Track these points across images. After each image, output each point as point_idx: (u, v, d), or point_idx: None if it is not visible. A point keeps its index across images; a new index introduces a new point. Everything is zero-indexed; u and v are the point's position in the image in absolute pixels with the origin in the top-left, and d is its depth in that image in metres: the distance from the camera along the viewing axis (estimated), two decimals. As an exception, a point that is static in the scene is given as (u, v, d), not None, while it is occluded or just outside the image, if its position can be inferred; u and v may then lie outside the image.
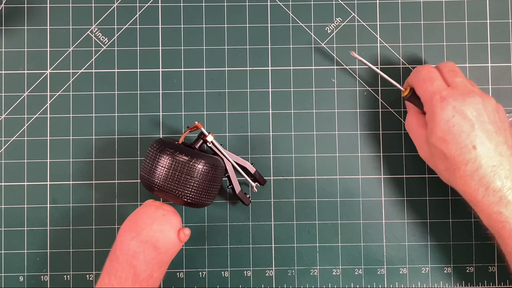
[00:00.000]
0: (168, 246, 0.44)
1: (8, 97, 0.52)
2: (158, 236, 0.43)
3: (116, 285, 0.43)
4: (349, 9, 0.53)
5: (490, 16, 0.54)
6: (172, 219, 0.45)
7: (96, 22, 0.53)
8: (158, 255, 0.44)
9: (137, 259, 0.43)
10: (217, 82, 0.53)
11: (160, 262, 0.44)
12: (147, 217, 0.44)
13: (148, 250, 0.43)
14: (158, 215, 0.44)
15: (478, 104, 0.41)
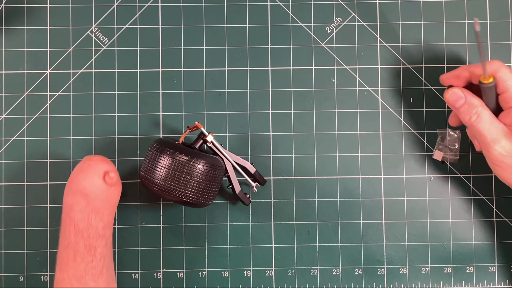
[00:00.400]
0: (95, 192, 0.45)
1: (8, 97, 0.52)
2: (84, 184, 0.45)
3: (64, 241, 0.45)
4: (349, 9, 0.53)
5: (490, 16, 0.54)
6: (97, 166, 0.46)
7: (96, 22, 0.53)
8: (89, 202, 0.45)
9: (73, 210, 0.45)
10: (217, 82, 0.53)
11: (94, 209, 0.45)
12: (76, 171, 0.46)
13: (79, 199, 0.45)
14: (84, 166, 0.46)
15: None
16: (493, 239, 0.52)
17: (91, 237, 0.45)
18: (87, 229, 0.45)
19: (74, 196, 0.45)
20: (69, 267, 0.44)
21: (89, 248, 0.45)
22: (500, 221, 0.52)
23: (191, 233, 0.52)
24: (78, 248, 0.44)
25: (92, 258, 0.45)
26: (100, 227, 0.46)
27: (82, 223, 0.45)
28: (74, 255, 0.44)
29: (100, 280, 0.45)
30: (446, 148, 0.52)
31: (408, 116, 0.53)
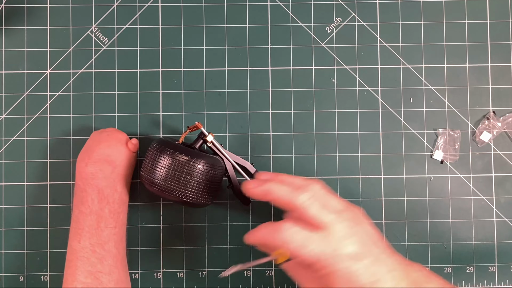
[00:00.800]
0: (120, 157, 0.47)
1: (8, 97, 0.52)
2: (108, 152, 0.46)
3: (85, 210, 0.45)
4: (349, 9, 0.53)
5: (490, 16, 0.54)
6: (117, 134, 0.48)
7: (96, 22, 0.53)
8: (114, 168, 0.46)
9: (96, 178, 0.46)
10: (217, 82, 0.53)
11: (119, 175, 0.47)
12: (93, 142, 0.48)
13: (104, 166, 0.46)
14: (102, 136, 0.48)
15: (363, 234, 0.39)
16: (493, 239, 0.52)
17: (116, 203, 0.46)
18: (112, 195, 0.46)
19: (96, 164, 0.46)
20: (92, 234, 0.44)
21: (113, 213, 0.46)
22: (500, 221, 0.52)
23: (191, 233, 0.52)
24: (103, 214, 0.45)
25: (115, 223, 0.46)
26: (124, 193, 0.47)
27: (107, 190, 0.46)
28: (97, 221, 0.45)
29: (120, 248, 0.46)
30: (446, 148, 0.53)
31: (408, 116, 0.53)
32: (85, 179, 0.46)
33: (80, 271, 0.44)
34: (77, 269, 0.44)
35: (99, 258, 0.44)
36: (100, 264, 0.44)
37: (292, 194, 0.39)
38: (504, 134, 0.53)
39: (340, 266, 0.37)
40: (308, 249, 0.37)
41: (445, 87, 0.53)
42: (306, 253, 0.37)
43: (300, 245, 0.37)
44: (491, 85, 0.53)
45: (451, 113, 0.53)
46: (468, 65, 0.53)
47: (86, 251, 0.44)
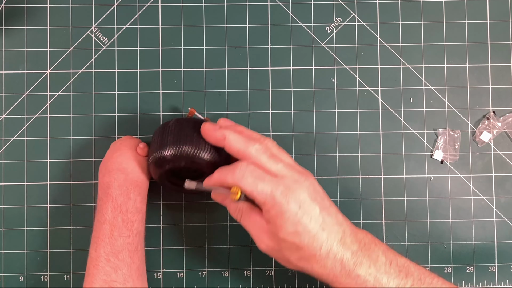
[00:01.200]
0: (132, 164, 0.47)
1: (8, 97, 0.52)
2: (120, 160, 0.47)
3: (101, 218, 0.45)
4: (349, 9, 0.53)
5: (490, 16, 0.54)
6: (128, 141, 0.48)
7: (96, 22, 0.53)
8: (127, 176, 0.46)
9: (111, 187, 0.46)
10: (217, 82, 0.53)
11: (132, 182, 0.46)
12: (109, 152, 0.48)
13: (117, 175, 0.46)
14: (117, 145, 0.48)
15: (311, 186, 0.41)
16: (493, 239, 0.52)
17: (129, 211, 0.45)
18: (126, 203, 0.45)
19: (111, 173, 0.46)
20: (106, 243, 0.44)
21: (126, 222, 0.45)
22: (500, 221, 0.52)
23: (191, 233, 0.52)
24: (116, 223, 0.45)
25: (129, 233, 0.45)
26: (138, 201, 0.46)
27: (120, 198, 0.45)
28: (111, 230, 0.45)
29: (135, 257, 0.45)
30: (446, 148, 0.53)
31: (408, 116, 0.53)
32: (103, 189, 0.46)
33: (96, 279, 0.44)
34: (94, 278, 0.44)
35: (113, 267, 0.44)
36: (115, 273, 0.44)
37: (245, 144, 0.41)
38: (504, 134, 0.53)
39: (289, 208, 0.39)
40: (259, 188, 0.39)
41: (445, 87, 0.53)
42: (257, 190, 0.39)
43: (251, 183, 0.39)
44: (491, 85, 0.53)
45: (451, 113, 0.53)
46: (468, 65, 0.53)
47: (101, 260, 0.44)
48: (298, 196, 0.39)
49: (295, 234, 0.39)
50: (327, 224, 0.40)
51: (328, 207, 0.41)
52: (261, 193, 0.39)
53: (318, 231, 0.39)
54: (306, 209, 0.39)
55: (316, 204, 0.40)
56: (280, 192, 0.39)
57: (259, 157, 0.41)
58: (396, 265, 0.40)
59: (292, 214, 0.39)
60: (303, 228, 0.39)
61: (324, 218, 0.40)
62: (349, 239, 0.40)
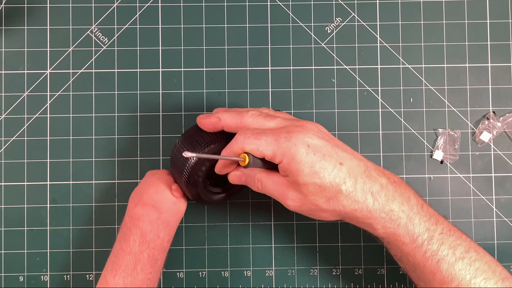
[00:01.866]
0: (167, 204, 0.45)
1: (8, 97, 0.52)
2: (155, 198, 0.45)
3: (126, 248, 0.45)
4: (349, 9, 0.53)
5: (490, 16, 0.54)
6: (164, 178, 0.47)
7: (96, 22, 0.53)
8: (160, 215, 0.45)
9: (142, 221, 0.45)
10: (217, 82, 0.53)
11: (165, 222, 0.45)
12: (145, 183, 0.47)
13: (151, 212, 0.45)
14: (153, 179, 0.47)
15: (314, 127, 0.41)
16: (493, 239, 0.52)
17: (156, 249, 0.45)
18: (154, 240, 0.45)
19: (144, 207, 0.45)
20: (127, 275, 0.44)
21: (152, 260, 0.45)
22: (500, 221, 0.52)
23: (191, 233, 0.52)
24: (141, 258, 0.44)
25: (152, 269, 0.45)
26: (166, 240, 0.46)
27: (150, 234, 0.45)
28: (135, 263, 0.44)
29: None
30: (446, 148, 0.53)
31: (408, 116, 0.53)
32: (133, 218, 0.45)
33: None
34: None
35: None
36: None
37: (240, 115, 0.42)
38: (504, 134, 0.53)
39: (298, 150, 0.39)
40: (263, 142, 0.39)
41: (445, 87, 0.53)
42: (263, 146, 0.39)
43: (254, 141, 0.40)
44: (491, 85, 0.53)
45: (451, 113, 0.53)
46: (468, 65, 0.53)
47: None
48: (302, 137, 0.39)
49: (314, 174, 0.38)
50: (344, 158, 0.39)
51: (341, 145, 0.41)
52: (266, 148, 0.39)
53: (336, 166, 0.39)
54: (316, 148, 0.39)
55: (326, 141, 0.40)
56: (283, 139, 0.39)
57: (256, 120, 0.41)
58: (427, 210, 0.40)
59: (303, 155, 0.38)
60: (320, 166, 0.38)
61: (338, 153, 0.39)
62: (375, 172, 0.40)
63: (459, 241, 0.40)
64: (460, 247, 0.40)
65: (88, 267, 0.51)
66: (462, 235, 0.41)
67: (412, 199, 0.40)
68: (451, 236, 0.40)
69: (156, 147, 0.52)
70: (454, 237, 0.40)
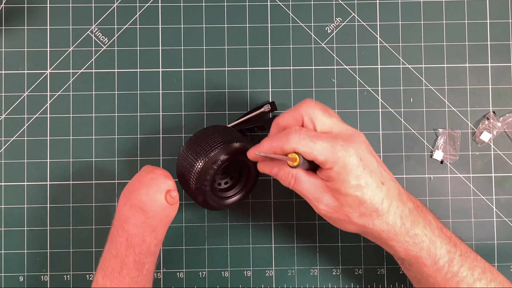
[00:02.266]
0: (155, 210, 0.43)
1: (8, 97, 0.52)
2: (144, 200, 0.43)
3: (113, 250, 0.44)
4: (349, 9, 0.53)
5: (490, 16, 0.54)
6: (160, 182, 0.43)
7: (96, 22, 0.53)
8: (147, 219, 0.43)
9: (128, 223, 0.43)
10: (217, 82, 0.53)
11: (151, 226, 0.43)
12: (137, 181, 0.44)
13: (137, 214, 0.43)
14: (146, 179, 0.43)
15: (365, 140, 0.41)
16: (493, 239, 0.52)
17: (142, 253, 0.44)
18: (140, 245, 0.43)
19: (132, 209, 0.43)
20: (114, 277, 0.43)
21: (137, 264, 0.44)
22: (500, 221, 0.52)
23: (191, 233, 0.52)
24: (127, 262, 0.43)
25: (138, 273, 0.44)
26: (153, 245, 0.44)
27: (135, 238, 0.43)
28: (121, 267, 0.43)
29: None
30: (446, 148, 0.53)
31: (408, 116, 0.53)
32: (120, 219, 0.44)
33: None
34: None
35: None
36: None
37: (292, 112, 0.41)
38: (504, 134, 0.53)
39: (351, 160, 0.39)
40: (318, 146, 0.39)
41: (445, 87, 0.53)
42: (317, 149, 0.39)
43: (309, 143, 0.39)
44: (491, 85, 0.53)
45: (451, 113, 0.53)
46: (468, 65, 0.53)
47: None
48: (357, 149, 0.39)
49: (358, 188, 0.39)
50: (385, 178, 0.40)
51: (382, 163, 0.41)
52: (321, 151, 0.39)
53: (379, 185, 0.39)
54: (366, 162, 0.39)
55: (374, 158, 0.40)
56: (340, 146, 0.39)
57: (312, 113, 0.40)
58: (446, 232, 0.42)
59: (355, 167, 0.39)
60: (365, 181, 0.39)
61: (381, 172, 0.40)
62: (405, 196, 0.41)
63: (476, 263, 0.42)
64: (477, 268, 0.41)
65: (88, 267, 0.51)
66: (477, 256, 0.42)
67: (433, 223, 0.41)
68: (469, 258, 0.41)
69: (156, 147, 0.52)
70: (471, 259, 0.41)
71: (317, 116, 0.40)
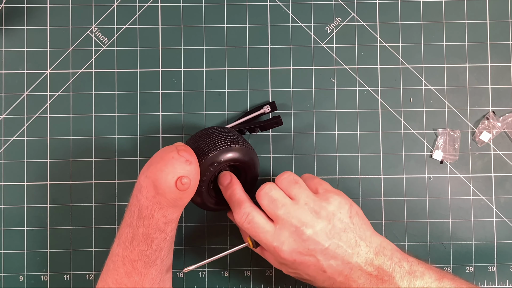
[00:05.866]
0: (164, 189, 0.42)
1: (8, 97, 0.52)
2: (157, 175, 0.42)
3: (128, 218, 0.44)
4: (349, 9, 0.54)
5: (490, 16, 0.54)
6: (178, 164, 0.43)
7: (96, 22, 0.53)
8: (156, 195, 0.43)
9: (141, 193, 0.43)
10: (217, 82, 0.53)
11: (159, 203, 0.43)
12: (159, 155, 0.44)
13: (149, 187, 0.43)
14: (168, 156, 0.43)
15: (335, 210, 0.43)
16: (493, 239, 0.52)
17: (151, 227, 0.43)
18: (149, 218, 0.43)
19: (146, 180, 0.43)
20: (126, 247, 0.44)
21: (146, 237, 0.43)
22: (500, 221, 0.52)
23: (191, 233, 0.52)
24: (137, 233, 0.43)
25: (147, 247, 0.44)
26: (162, 222, 0.44)
27: (145, 211, 0.43)
28: (132, 237, 0.43)
29: (152, 269, 0.44)
30: (446, 148, 0.53)
31: (408, 116, 0.53)
32: (137, 187, 0.44)
33: (109, 277, 0.44)
34: (109, 271, 0.44)
35: (126, 272, 0.43)
36: (127, 278, 0.43)
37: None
38: (504, 134, 0.53)
39: (286, 257, 0.42)
40: (260, 238, 0.43)
41: (445, 87, 0.53)
42: (261, 240, 0.43)
43: (255, 233, 0.43)
44: (491, 85, 0.53)
45: (451, 113, 0.53)
46: (468, 65, 0.53)
47: (119, 259, 0.44)
48: (287, 247, 0.43)
49: (296, 274, 0.44)
50: (328, 265, 0.43)
51: (331, 249, 0.42)
52: (264, 243, 0.44)
53: (319, 272, 0.43)
54: (301, 259, 0.43)
55: (314, 252, 0.42)
56: (274, 246, 0.43)
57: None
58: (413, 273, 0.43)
59: (290, 262, 0.43)
60: (302, 271, 0.43)
61: (321, 261, 0.43)
62: (356, 274, 0.42)
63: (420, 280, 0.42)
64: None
65: (88, 267, 0.52)
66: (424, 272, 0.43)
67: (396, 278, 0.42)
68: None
69: (156, 147, 0.52)
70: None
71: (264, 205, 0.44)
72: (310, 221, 0.42)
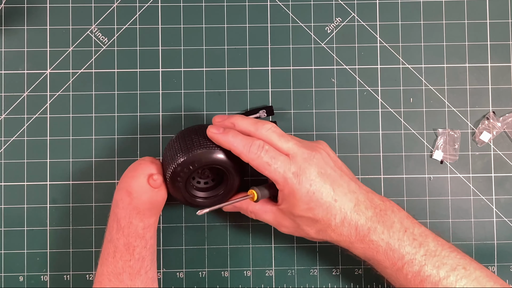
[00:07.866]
0: (138, 191, 0.45)
1: (8, 97, 0.52)
2: (130, 182, 0.45)
3: (108, 235, 0.46)
4: (349, 9, 0.54)
5: (490, 16, 0.54)
6: (145, 166, 0.46)
7: (96, 22, 0.53)
8: (132, 200, 0.45)
9: (117, 206, 0.45)
10: (217, 82, 0.53)
11: (136, 208, 0.45)
12: (128, 169, 0.46)
13: (124, 197, 0.45)
14: (135, 165, 0.46)
15: (320, 160, 0.43)
16: (493, 239, 0.52)
17: (130, 236, 0.45)
18: (128, 227, 0.45)
19: (120, 192, 0.45)
20: (109, 262, 0.45)
21: (127, 247, 0.45)
22: (500, 221, 0.52)
23: (191, 233, 0.52)
24: (118, 245, 0.45)
25: (130, 257, 0.45)
26: (140, 227, 0.45)
27: (123, 221, 0.45)
28: (114, 251, 0.45)
29: (137, 280, 0.45)
30: (446, 148, 0.53)
31: (408, 116, 0.53)
32: (113, 204, 0.46)
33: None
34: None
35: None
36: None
37: (256, 125, 0.44)
38: (504, 134, 0.53)
39: (301, 187, 0.42)
40: (273, 168, 0.42)
41: (445, 87, 0.53)
42: (271, 170, 0.42)
43: (266, 162, 0.42)
44: (491, 85, 0.53)
45: (451, 113, 0.53)
46: (468, 65, 0.53)
47: (104, 277, 0.44)
48: (309, 175, 0.42)
49: (309, 210, 0.42)
50: (338, 194, 0.42)
51: (339, 178, 0.43)
52: (274, 173, 0.42)
53: (331, 203, 0.42)
54: (317, 186, 0.42)
55: (326, 178, 0.43)
56: (291, 173, 0.42)
57: (270, 135, 0.43)
58: (411, 233, 0.43)
59: (304, 193, 0.42)
60: (316, 203, 0.42)
61: (335, 190, 0.42)
62: (363, 205, 0.43)
63: (445, 260, 0.42)
64: (445, 266, 0.41)
65: (88, 267, 0.52)
66: (450, 253, 0.42)
67: (395, 225, 0.43)
68: (436, 256, 0.42)
69: (156, 147, 0.52)
70: (439, 257, 0.42)
71: (273, 140, 0.43)
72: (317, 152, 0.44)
